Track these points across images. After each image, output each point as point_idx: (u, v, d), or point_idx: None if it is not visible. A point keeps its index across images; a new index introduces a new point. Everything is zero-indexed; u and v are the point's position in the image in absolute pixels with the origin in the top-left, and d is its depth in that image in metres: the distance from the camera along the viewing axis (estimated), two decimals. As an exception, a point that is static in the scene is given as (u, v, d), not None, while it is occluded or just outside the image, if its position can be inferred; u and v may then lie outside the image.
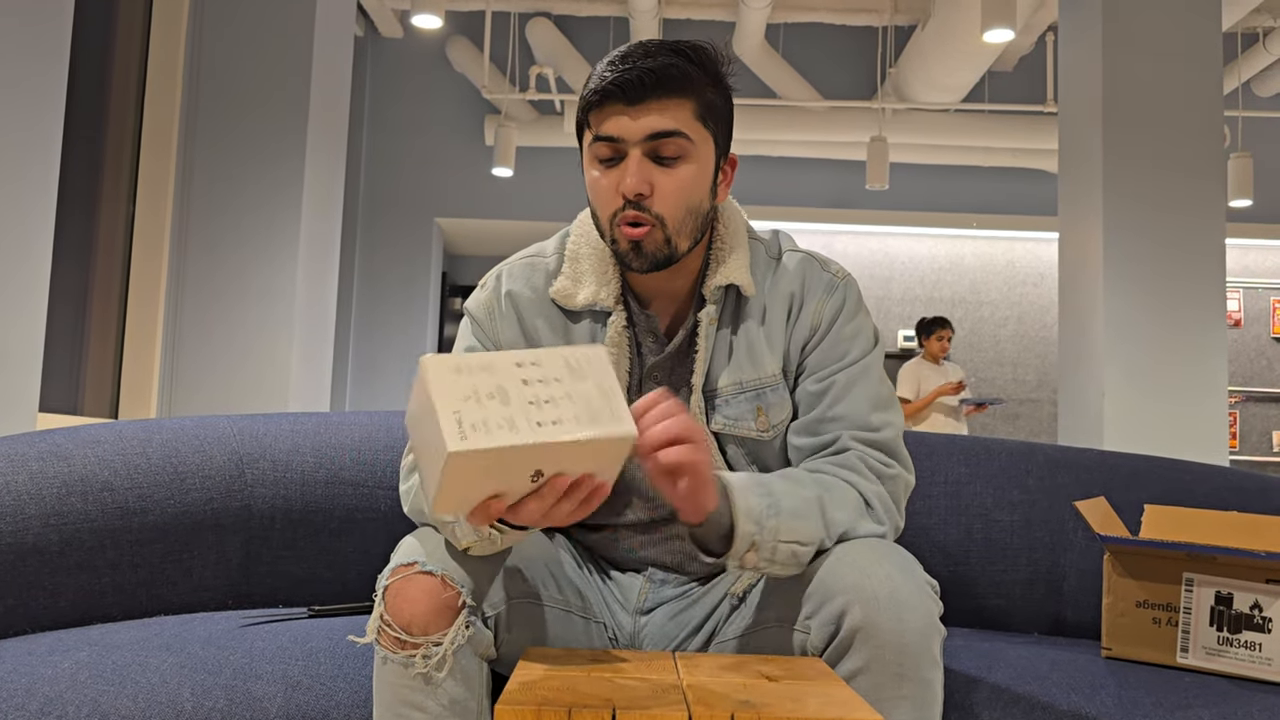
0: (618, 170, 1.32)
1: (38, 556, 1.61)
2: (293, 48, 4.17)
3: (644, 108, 1.30)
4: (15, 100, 2.70)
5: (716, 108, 1.36)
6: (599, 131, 1.32)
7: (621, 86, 1.29)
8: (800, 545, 1.23)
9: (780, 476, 1.29)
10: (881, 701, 1.14)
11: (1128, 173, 4.49)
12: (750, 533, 1.21)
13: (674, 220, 1.32)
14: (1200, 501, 1.89)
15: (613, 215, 1.33)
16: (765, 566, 1.23)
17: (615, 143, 1.31)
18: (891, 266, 8.28)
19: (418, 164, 7.93)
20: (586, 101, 1.33)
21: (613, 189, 1.32)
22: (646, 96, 1.29)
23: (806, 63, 7.92)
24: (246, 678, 1.37)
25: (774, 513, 1.22)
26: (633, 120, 1.30)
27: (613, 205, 1.33)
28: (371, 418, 1.91)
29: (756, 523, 1.21)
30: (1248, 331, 8.07)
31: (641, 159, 1.31)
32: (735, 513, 1.21)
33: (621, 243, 1.33)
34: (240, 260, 4.10)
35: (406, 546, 1.23)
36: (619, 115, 1.31)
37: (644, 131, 1.30)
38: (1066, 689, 1.42)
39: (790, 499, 1.24)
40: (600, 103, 1.31)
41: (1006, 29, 4.86)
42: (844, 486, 1.30)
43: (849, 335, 1.40)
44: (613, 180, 1.33)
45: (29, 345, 2.77)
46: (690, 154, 1.33)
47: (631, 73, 1.29)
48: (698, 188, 1.34)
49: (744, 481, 1.24)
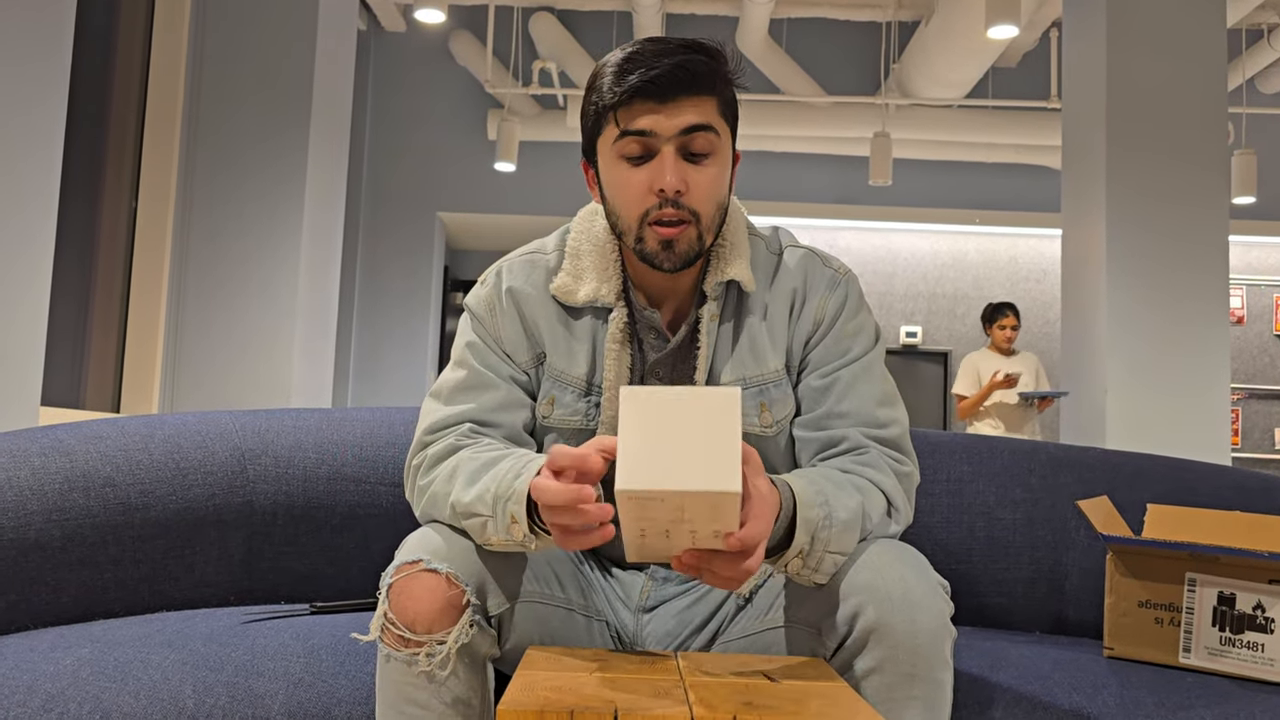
0: (649, 168, 1.31)
1: (40, 552, 1.61)
2: (295, 41, 4.17)
3: (676, 104, 1.30)
4: (17, 91, 2.70)
5: (733, 105, 1.37)
6: (630, 127, 1.30)
7: (655, 83, 1.28)
8: (841, 556, 1.22)
9: (831, 483, 1.27)
10: (893, 702, 1.14)
11: (1131, 169, 4.48)
12: (803, 543, 1.20)
13: (706, 217, 1.33)
14: (1203, 501, 1.89)
15: (644, 214, 1.32)
16: (807, 575, 1.22)
17: (647, 138, 1.30)
18: (894, 262, 8.27)
19: (420, 158, 7.92)
20: (614, 99, 1.31)
21: (645, 187, 1.31)
22: (679, 93, 1.29)
23: (810, 58, 7.91)
24: (248, 675, 1.37)
25: (828, 524, 1.21)
26: (666, 117, 1.30)
27: (644, 204, 1.32)
28: (374, 414, 1.91)
29: (811, 535, 1.20)
30: (1250, 329, 8.06)
31: (675, 155, 1.31)
32: (797, 525, 1.20)
33: (650, 242, 1.32)
34: (242, 255, 4.09)
35: (411, 544, 1.23)
36: (651, 112, 1.30)
37: (678, 127, 1.30)
38: (1069, 689, 1.42)
39: (843, 511, 1.23)
40: (630, 100, 1.30)
41: (1010, 25, 4.85)
42: (875, 491, 1.30)
43: (851, 332, 1.41)
44: (645, 178, 1.31)
45: (31, 340, 2.77)
46: (718, 149, 1.33)
47: (663, 69, 1.28)
48: (723, 183, 1.35)
49: (807, 491, 1.22)
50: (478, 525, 1.23)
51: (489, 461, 1.27)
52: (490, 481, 1.23)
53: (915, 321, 8.22)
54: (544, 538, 1.21)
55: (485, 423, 1.37)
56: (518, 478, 1.21)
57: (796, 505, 1.21)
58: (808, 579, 1.22)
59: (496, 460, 1.26)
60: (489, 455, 1.28)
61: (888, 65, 7.75)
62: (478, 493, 1.23)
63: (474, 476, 1.26)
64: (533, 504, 1.20)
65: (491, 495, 1.22)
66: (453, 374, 1.41)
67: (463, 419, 1.37)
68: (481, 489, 1.23)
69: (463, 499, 1.25)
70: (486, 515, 1.22)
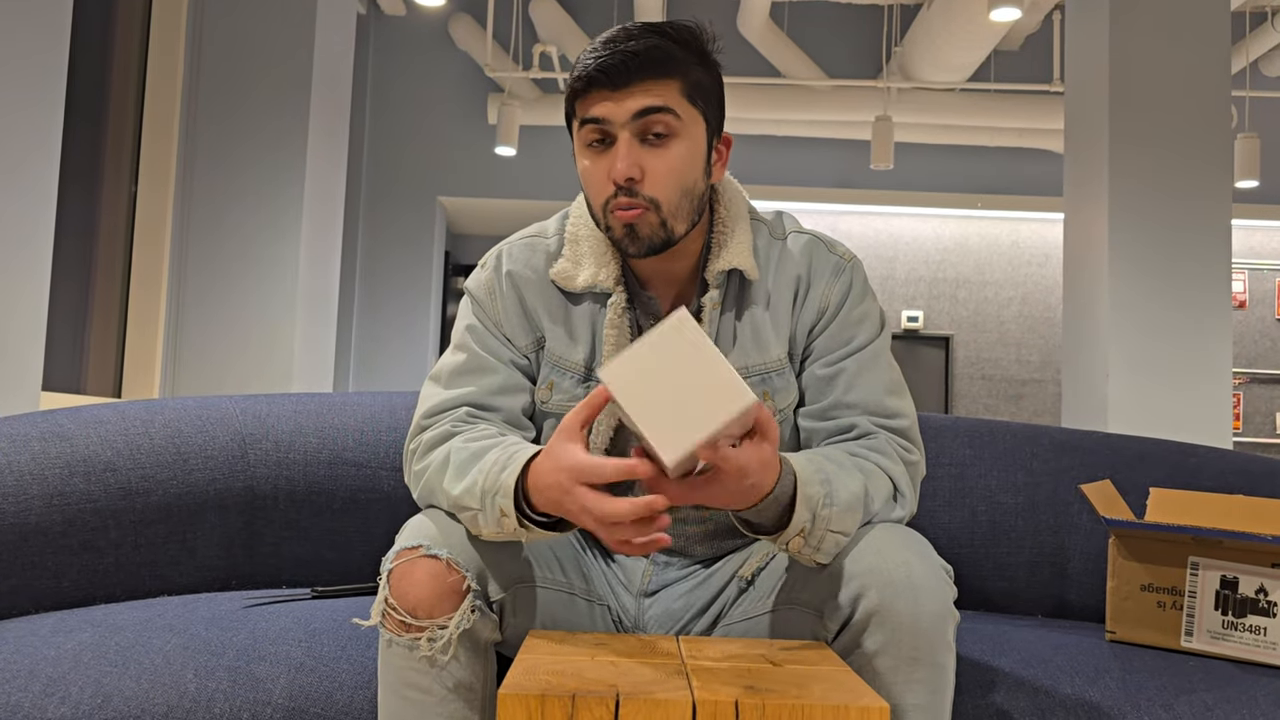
0: (608, 156, 1.31)
1: (40, 537, 1.61)
2: (295, 26, 4.15)
3: (629, 90, 1.29)
4: (16, 80, 2.69)
5: (704, 86, 1.34)
6: (585, 114, 1.31)
7: (605, 70, 1.28)
8: (844, 536, 1.22)
9: (833, 463, 1.26)
10: (895, 685, 1.14)
11: (1134, 153, 4.46)
12: (804, 520, 1.20)
13: (669, 203, 1.31)
14: (1206, 485, 1.88)
15: (605, 202, 1.32)
16: (808, 554, 1.22)
17: (602, 125, 1.30)
18: (896, 247, 8.25)
19: (420, 143, 7.90)
20: (571, 89, 1.32)
21: (604, 175, 1.31)
22: (631, 80, 1.28)
23: (811, 41, 7.88)
24: (249, 659, 1.37)
25: (829, 503, 1.21)
26: (617, 103, 1.29)
27: (605, 192, 1.32)
28: (375, 398, 1.90)
29: (812, 512, 1.20)
30: (1252, 313, 8.05)
31: (631, 141, 1.29)
32: (797, 502, 1.20)
33: (616, 229, 1.32)
34: (243, 239, 4.09)
35: (411, 529, 1.23)
36: (605, 99, 1.29)
37: (630, 111, 1.29)
38: (1071, 672, 1.42)
39: (844, 491, 1.23)
40: (585, 88, 1.30)
41: (1013, 8, 4.82)
42: (881, 475, 1.30)
43: (857, 319, 1.40)
44: (603, 167, 1.31)
45: (32, 325, 2.77)
46: (680, 132, 1.31)
47: (614, 56, 1.28)
48: (690, 168, 1.33)
49: (807, 468, 1.22)
50: (469, 518, 1.23)
51: (477, 453, 1.26)
52: (478, 475, 1.23)
53: (917, 306, 8.21)
54: (535, 530, 1.21)
55: (484, 406, 1.37)
56: (504, 470, 1.20)
57: (796, 482, 1.20)
58: (809, 558, 1.22)
59: (484, 451, 1.26)
60: (478, 445, 1.28)
61: (889, 48, 7.72)
62: (466, 486, 1.23)
63: (462, 469, 1.25)
64: (521, 496, 1.20)
65: (479, 489, 1.21)
66: (452, 357, 1.41)
67: (461, 402, 1.36)
68: (470, 482, 1.23)
69: (452, 492, 1.25)
70: (476, 509, 1.22)
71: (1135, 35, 4.49)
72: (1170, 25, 4.49)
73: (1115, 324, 4.40)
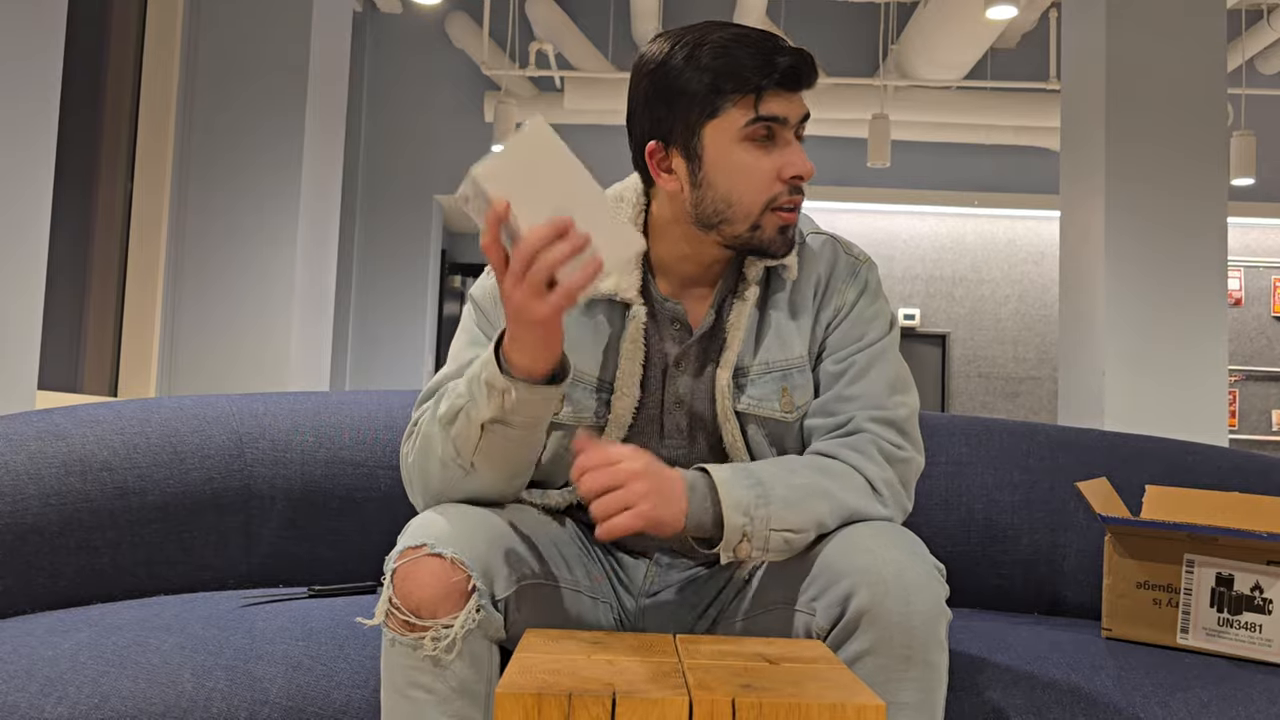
0: (776, 155, 1.33)
1: (37, 536, 1.60)
2: (291, 24, 4.15)
3: (800, 94, 1.34)
4: (11, 77, 2.69)
5: None
6: (766, 112, 1.31)
7: (793, 71, 1.31)
8: (792, 533, 1.24)
9: (771, 464, 1.29)
10: (887, 684, 1.14)
11: (1130, 150, 4.47)
12: (740, 524, 1.22)
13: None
14: (1202, 482, 1.89)
15: (771, 199, 1.33)
16: (760, 555, 1.25)
17: (777, 124, 1.32)
18: (893, 244, 8.26)
19: (417, 141, 7.90)
20: (765, 82, 1.30)
21: (773, 174, 1.32)
22: (802, 83, 1.33)
23: (808, 39, 7.88)
24: (247, 658, 1.37)
25: (764, 502, 1.23)
26: (795, 105, 1.33)
27: (771, 190, 1.33)
28: (371, 397, 1.90)
29: (746, 514, 1.22)
30: (1248, 310, 8.06)
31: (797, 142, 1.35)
32: (723, 507, 1.22)
33: (769, 229, 1.34)
34: (239, 238, 4.08)
35: (415, 528, 1.22)
36: (782, 99, 1.32)
37: (800, 113, 1.34)
38: (1067, 669, 1.42)
39: (781, 487, 1.24)
40: (770, 86, 1.31)
41: (1009, 6, 4.83)
42: (848, 470, 1.30)
43: (869, 318, 1.41)
44: (773, 164, 1.33)
45: (28, 323, 2.77)
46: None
47: (796, 59, 1.31)
48: None
49: (729, 475, 1.25)
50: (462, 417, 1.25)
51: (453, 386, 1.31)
52: (461, 382, 1.28)
53: (913, 304, 8.22)
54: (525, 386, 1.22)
55: None
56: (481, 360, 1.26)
57: (719, 488, 1.23)
58: (767, 559, 1.26)
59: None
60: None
61: (886, 46, 7.72)
62: (451, 399, 1.27)
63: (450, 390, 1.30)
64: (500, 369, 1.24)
65: (464, 383, 1.26)
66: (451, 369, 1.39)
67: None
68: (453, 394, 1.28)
69: (440, 409, 1.28)
70: (465, 401, 1.24)
71: (1131, 33, 4.50)
72: (1166, 23, 4.50)
73: (1111, 322, 4.40)
